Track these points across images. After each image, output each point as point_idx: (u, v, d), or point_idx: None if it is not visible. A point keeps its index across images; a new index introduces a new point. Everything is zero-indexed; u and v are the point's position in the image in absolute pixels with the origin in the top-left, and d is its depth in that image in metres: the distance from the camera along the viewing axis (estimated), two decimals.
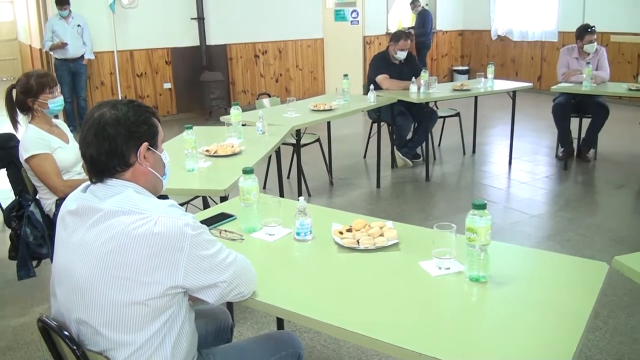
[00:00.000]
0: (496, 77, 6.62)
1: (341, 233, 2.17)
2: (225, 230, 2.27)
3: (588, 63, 6.06)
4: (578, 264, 2.04)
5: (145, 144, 1.71)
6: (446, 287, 1.86)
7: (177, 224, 1.56)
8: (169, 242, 1.55)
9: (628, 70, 9.53)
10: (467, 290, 1.83)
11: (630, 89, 5.95)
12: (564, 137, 6.40)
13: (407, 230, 2.27)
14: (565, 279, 1.91)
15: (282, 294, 1.83)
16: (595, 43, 6.26)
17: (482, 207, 1.77)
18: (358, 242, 2.11)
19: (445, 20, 12.47)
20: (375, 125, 5.98)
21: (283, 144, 4.40)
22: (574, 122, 6.38)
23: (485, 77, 6.30)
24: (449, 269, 1.91)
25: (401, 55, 6.07)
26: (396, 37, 6.10)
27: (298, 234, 2.19)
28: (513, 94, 6.31)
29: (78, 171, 3.37)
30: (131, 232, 1.54)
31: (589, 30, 6.23)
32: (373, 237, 2.13)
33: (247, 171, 2.25)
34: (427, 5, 11.95)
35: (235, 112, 4.07)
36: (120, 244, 1.54)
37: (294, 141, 4.79)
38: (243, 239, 2.22)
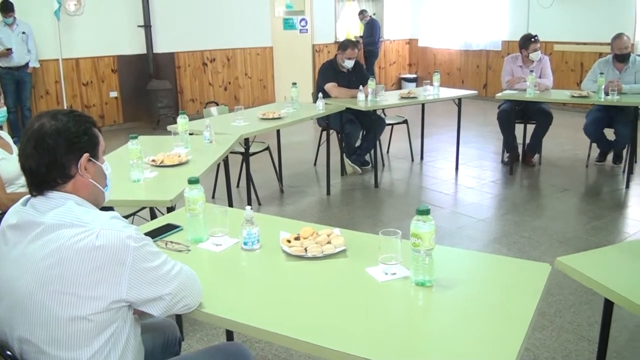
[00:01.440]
0: (443, 85, 6.74)
1: (289, 241, 2.17)
2: (171, 242, 2.23)
3: (531, 71, 6.23)
4: (521, 265, 2.10)
5: (86, 155, 1.67)
6: (392, 292, 1.87)
7: (119, 237, 1.54)
8: (111, 255, 1.52)
9: (571, 78, 9.86)
10: (413, 294, 1.85)
11: (573, 96, 6.13)
12: (509, 142, 6.54)
13: (355, 237, 2.28)
14: (509, 281, 1.95)
15: (229, 304, 1.81)
16: (539, 52, 6.45)
17: (426, 212, 1.80)
18: (306, 250, 2.11)
19: (393, 29, 12.65)
20: (324, 133, 6.01)
21: (232, 152, 4.38)
22: (519, 128, 6.55)
23: (432, 85, 6.41)
24: (395, 274, 1.92)
25: (349, 63, 6.12)
26: (343, 46, 6.16)
27: (245, 243, 2.17)
28: (458, 101, 6.43)
29: (22, 184, 3.27)
30: (73, 246, 1.51)
31: (533, 39, 6.41)
32: (320, 244, 2.13)
33: (192, 181, 2.22)
34: (374, 14, 12.11)
35: (182, 121, 4.02)
36: (61, 258, 1.51)
37: (242, 150, 4.77)
38: (189, 250, 2.19)
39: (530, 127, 6.55)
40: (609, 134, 6.37)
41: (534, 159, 6.70)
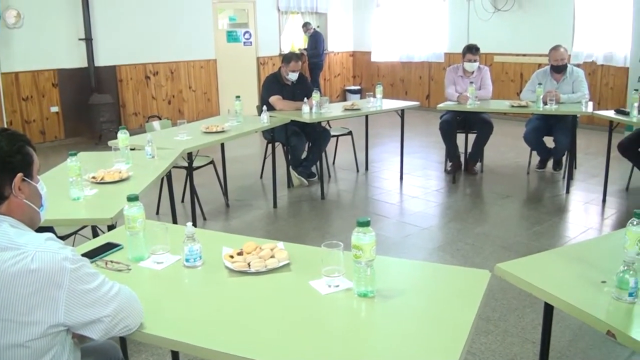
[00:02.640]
0: (387, 96, 6.83)
1: (232, 257, 2.15)
2: (112, 261, 2.18)
3: (471, 82, 6.39)
4: (462, 273, 2.15)
5: (19, 175, 1.64)
6: (335, 304, 1.88)
7: (55, 259, 1.50)
8: (47, 279, 1.48)
9: (512, 88, 10.17)
10: (356, 306, 1.87)
11: (513, 106, 6.31)
12: (451, 152, 6.68)
13: (298, 250, 2.28)
14: (450, 288, 1.99)
15: (172, 324, 1.78)
16: (477, 63, 6.61)
17: (366, 224, 1.81)
18: (249, 265, 2.10)
19: (336, 41, 12.78)
20: (270, 145, 6.00)
21: (175, 167, 4.32)
22: (461, 138, 6.70)
23: (375, 96, 6.49)
24: (338, 286, 1.94)
25: (293, 76, 6.14)
26: (287, 58, 6.17)
27: (187, 260, 2.14)
28: (401, 112, 6.52)
29: None
30: (7, 270, 1.47)
31: (471, 49, 6.57)
32: (264, 259, 2.12)
33: (131, 198, 2.18)
34: (318, 27, 12.21)
35: (122, 136, 3.95)
36: None
37: (186, 164, 4.71)
38: (130, 269, 2.14)
39: (472, 137, 6.71)
40: (549, 141, 6.60)
41: (476, 167, 6.86)
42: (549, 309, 2.15)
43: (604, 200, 5.72)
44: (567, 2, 9.46)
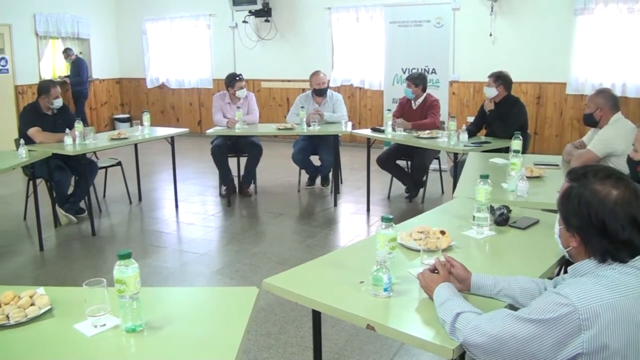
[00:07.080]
0: (158, 123, 6.77)
1: None
2: None
3: (239, 107, 6.60)
4: (231, 293, 2.26)
5: None
6: (103, 344, 1.83)
7: None
8: None
9: (279, 112, 10.68)
10: (125, 343, 1.84)
11: (279, 129, 6.66)
12: (224, 175, 6.81)
13: (61, 293, 2.17)
14: (220, 309, 2.06)
15: None
16: (245, 89, 6.86)
17: (127, 256, 1.81)
18: (8, 317, 1.95)
19: (101, 68, 12.30)
20: (32, 182, 5.58)
21: None
22: (233, 161, 6.87)
23: (142, 124, 6.38)
24: (104, 325, 1.89)
25: (57, 103, 5.77)
26: (45, 87, 5.80)
27: None
28: (172, 139, 6.47)
29: None
30: None
31: (237, 78, 6.80)
32: (23, 308, 1.98)
33: None
34: (81, 53, 11.67)
35: None
36: None
37: None
38: None
39: (244, 160, 6.91)
40: (315, 160, 7.06)
41: (250, 189, 7.08)
42: (316, 315, 2.30)
43: (368, 210, 6.27)
44: (325, 33, 10.27)
